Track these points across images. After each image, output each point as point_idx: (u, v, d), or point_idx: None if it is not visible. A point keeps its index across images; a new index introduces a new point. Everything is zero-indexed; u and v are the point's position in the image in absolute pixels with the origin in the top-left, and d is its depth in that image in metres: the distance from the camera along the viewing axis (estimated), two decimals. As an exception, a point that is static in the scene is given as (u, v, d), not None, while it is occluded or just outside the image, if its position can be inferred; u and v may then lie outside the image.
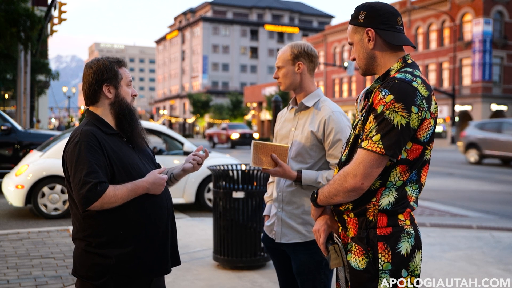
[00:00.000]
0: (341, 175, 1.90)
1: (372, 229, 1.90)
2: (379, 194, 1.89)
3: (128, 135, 2.34)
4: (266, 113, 63.31)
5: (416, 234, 1.92)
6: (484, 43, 39.99)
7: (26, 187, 7.71)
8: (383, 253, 1.87)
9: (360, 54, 2.04)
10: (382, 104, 1.83)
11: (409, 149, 1.88)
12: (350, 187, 1.86)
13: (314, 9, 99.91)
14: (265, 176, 4.98)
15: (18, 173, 7.94)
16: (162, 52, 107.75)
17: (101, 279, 2.18)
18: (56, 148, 8.05)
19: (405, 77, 1.87)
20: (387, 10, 1.99)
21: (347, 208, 1.96)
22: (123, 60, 2.38)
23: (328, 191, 1.95)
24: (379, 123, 1.83)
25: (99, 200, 2.09)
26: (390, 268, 1.86)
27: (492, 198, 11.18)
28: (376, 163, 1.83)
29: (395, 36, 1.98)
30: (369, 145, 1.84)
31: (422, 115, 1.84)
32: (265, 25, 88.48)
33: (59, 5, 20.32)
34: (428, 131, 1.89)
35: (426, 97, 1.86)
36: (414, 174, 1.92)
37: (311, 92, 2.75)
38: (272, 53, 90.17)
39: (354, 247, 1.94)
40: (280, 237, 2.75)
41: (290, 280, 2.87)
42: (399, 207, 1.89)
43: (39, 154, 8.24)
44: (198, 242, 6.10)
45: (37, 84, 24.83)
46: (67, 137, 8.55)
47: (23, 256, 5.29)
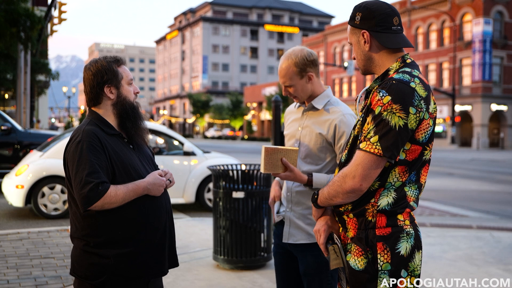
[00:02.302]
0: (340, 176, 1.90)
1: (371, 230, 1.90)
2: (378, 194, 1.89)
3: (131, 134, 2.34)
4: (266, 113, 63.31)
5: (416, 234, 1.91)
6: (484, 43, 39.98)
7: (26, 187, 7.71)
8: (382, 254, 1.87)
9: (358, 55, 2.06)
10: (380, 105, 1.83)
11: (407, 150, 1.87)
12: (349, 189, 1.87)
13: (314, 9, 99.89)
14: (265, 176, 4.97)
15: (18, 173, 7.93)
16: (162, 52, 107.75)
17: (98, 278, 2.18)
18: (56, 148, 8.04)
19: (403, 77, 1.86)
20: (382, 12, 1.96)
21: (346, 208, 1.97)
22: (121, 59, 2.37)
23: (328, 192, 1.96)
24: (377, 124, 1.83)
25: (100, 200, 2.09)
26: (389, 268, 1.86)
27: (492, 198, 11.18)
28: (375, 164, 1.83)
29: (390, 38, 1.97)
30: (367, 147, 1.84)
31: (420, 116, 1.84)
32: (265, 25, 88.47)
33: (59, 5, 20.31)
34: (427, 132, 1.88)
35: (424, 98, 1.85)
36: (413, 175, 1.91)
37: (320, 93, 2.73)
38: (272, 53, 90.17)
39: (354, 248, 1.94)
40: (288, 237, 2.74)
41: (288, 282, 2.85)
42: (398, 208, 1.89)
43: (39, 154, 8.24)
44: (198, 242, 6.10)
45: (37, 84, 24.82)
46: (67, 137, 8.57)
47: (23, 256, 5.29)
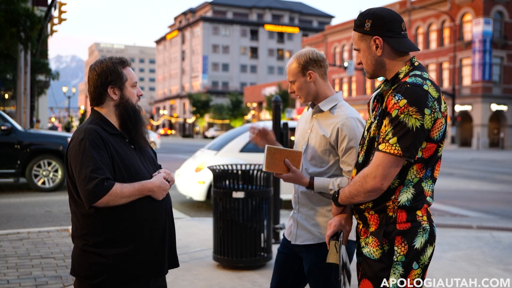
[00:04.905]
0: (361, 176, 2.00)
1: (392, 224, 2.01)
2: (398, 191, 2.00)
3: (132, 136, 2.34)
4: (266, 113, 63.31)
5: (431, 230, 2.03)
6: (484, 43, 39.99)
7: (207, 182, 8.41)
8: (399, 246, 1.98)
9: (368, 61, 2.12)
10: (396, 108, 1.93)
11: (424, 148, 1.98)
12: (370, 188, 1.97)
13: (314, 9, 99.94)
14: (265, 176, 4.97)
15: (197, 169, 8.53)
16: (162, 52, 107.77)
17: (97, 278, 2.18)
18: (230, 147, 8.69)
19: (416, 81, 1.96)
20: (392, 18, 2.07)
21: (367, 206, 2.07)
22: (126, 60, 2.37)
23: (349, 192, 2.07)
24: (394, 127, 1.93)
25: (105, 196, 2.09)
26: (403, 260, 1.98)
27: (492, 198, 11.19)
28: (394, 164, 1.94)
29: (401, 43, 2.07)
30: (387, 148, 1.94)
31: (435, 116, 1.95)
32: (265, 25, 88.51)
33: (59, 5, 20.33)
34: (441, 130, 1.99)
35: (436, 99, 1.96)
36: (429, 171, 2.03)
37: (328, 97, 2.73)
38: (272, 53, 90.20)
39: (371, 240, 2.05)
40: (295, 239, 2.75)
41: (284, 281, 2.84)
42: (418, 203, 2.00)
43: (213, 152, 8.96)
44: (198, 242, 6.11)
45: (37, 84, 24.80)
46: (241, 136, 8.85)
47: (23, 256, 5.29)
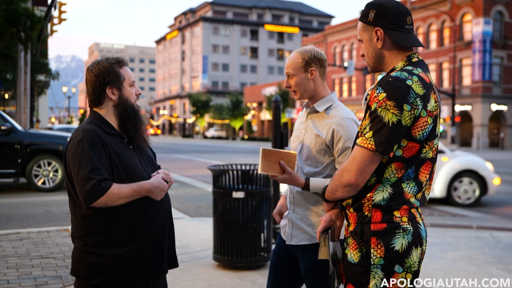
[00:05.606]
0: (340, 170, 1.97)
1: (367, 224, 1.94)
2: (374, 189, 1.93)
3: (131, 136, 2.34)
4: (266, 113, 63.31)
5: (416, 231, 1.92)
6: (484, 43, 39.98)
7: None
8: (375, 248, 1.90)
9: (369, 53, 2.06)
10: (376, 101, 1.87)
11: (404, 146, 1.89)
12: (346, 182, 1.92)
13: (314, 9, 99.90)
14: (265, 176, 4.97)
15: None
16: (162, 52, 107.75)
17: (97, 278, 2.19)
18: None
19: (400, 75, 1.89)
20: (396, 10, 1.98)
21: (348, 203, 2.02)
22: (123, 60, 2.36)
23: (330, 186, 2.03)
24: (372, 120, 1.87)
25: (103, 196, 2.10)
26: (382, 263, 1.89)
27: (492, 198, 11.17)
28: (369, 159, 1.87)
29: (404, 37, 1.99)
30: (362, 142, 1.89)
31: (416, 113, 1.86)
32: (265, 25, 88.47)
33: (59, 5, 20.31)
34: (425, 130, 1.89)
35: (421, 95, 1.87)
36: (411, 171, 1.93)
37: (324, 97, 2.72)
38: (272, 53, 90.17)
39: (350, 241, 1.99)
40: (290, 239, 2.75)
41: (279, 281, 2.83)
42: (394, 203, 1.91)
43: None
44: (198, 242, 6.11)
45: (37, 84, 24.80)
46: None
47: (23, 256, 5.29)
